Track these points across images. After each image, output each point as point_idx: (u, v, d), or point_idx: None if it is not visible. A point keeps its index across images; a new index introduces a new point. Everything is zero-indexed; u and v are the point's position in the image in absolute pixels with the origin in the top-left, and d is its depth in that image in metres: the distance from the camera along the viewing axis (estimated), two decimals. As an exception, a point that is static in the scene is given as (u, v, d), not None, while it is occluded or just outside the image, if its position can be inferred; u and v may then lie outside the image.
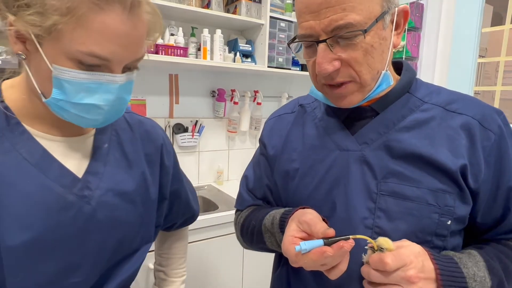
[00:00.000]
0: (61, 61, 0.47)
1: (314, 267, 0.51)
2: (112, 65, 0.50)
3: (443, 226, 0.56)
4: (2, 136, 0.51)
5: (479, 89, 2.11)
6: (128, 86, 0.55)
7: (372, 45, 0.52)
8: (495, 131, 0.56)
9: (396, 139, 0.58)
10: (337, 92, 0.56)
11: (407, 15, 0.57)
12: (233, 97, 2.11)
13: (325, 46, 0.52)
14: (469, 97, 0.61)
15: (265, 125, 0.79)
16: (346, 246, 0.48)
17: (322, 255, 0.48)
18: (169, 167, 0.75)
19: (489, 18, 2.12)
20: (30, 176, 0.51)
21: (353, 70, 0.53)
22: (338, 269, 0.51)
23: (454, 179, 0.56)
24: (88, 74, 0.48)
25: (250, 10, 1.88)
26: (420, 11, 2.17)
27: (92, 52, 0.47)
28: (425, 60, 2.19)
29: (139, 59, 0.54)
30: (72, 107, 0.50)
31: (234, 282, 1.71)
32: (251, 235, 0.71)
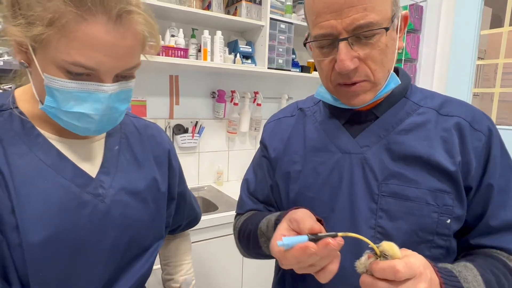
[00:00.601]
0: (51, 70, 0.49)
1: (302, 267, 0.47)
2: (101, 75, 0.50)
3: (443, 225, 0.57)
4: (19, 140, 0.53)
5: (478, 90, 2.11)
6: (121, 95, 0.55)
7: (387, 44, 0.55)
8: (485, 133, 0.59)
9: (395, 141, 0.61)
10: (351, 90, 0.57)
11: (406, 20, 0.60)
12: (233, 98, 2.11)
13: (346, 44, 0.53)
14: (460, 101, 0.64)
15: (265, 128, 0.80)
16: (332, 243, 0.44)
17: (304, 251, 0.44)
18: (176, 169, 0.78)
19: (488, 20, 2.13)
20: (48, 176, 0.54)
21: (369, 69, 0.56)
22: (327, 271, 0.47)
23: (453, 179, 0.58)
24: (75, 83, 0.49)
25: (250, 11, 1.88)
26: (420, 13, 2.18)
27: (77, 61, 0.47)
28: (425, 62, 2.20)
29: (133, 68, 0.54)
30: (63, 115, 0.51)
31: (234, 282, 1.71)
32: (247, 240, 0.71)
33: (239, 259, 1.71)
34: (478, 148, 0.58)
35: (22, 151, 0.53)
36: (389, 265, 0.42)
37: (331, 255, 0.46)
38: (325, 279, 0.47)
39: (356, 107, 0.62)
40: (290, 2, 2.05)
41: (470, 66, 2.03)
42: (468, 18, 2.03)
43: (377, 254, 0.45)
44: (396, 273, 0.41)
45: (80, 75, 0.49)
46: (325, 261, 0.46)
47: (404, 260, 0.43)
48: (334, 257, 0.47)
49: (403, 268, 0.41)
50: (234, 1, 1.90)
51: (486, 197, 0.59)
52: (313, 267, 0.47)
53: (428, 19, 2.17)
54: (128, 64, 0.52)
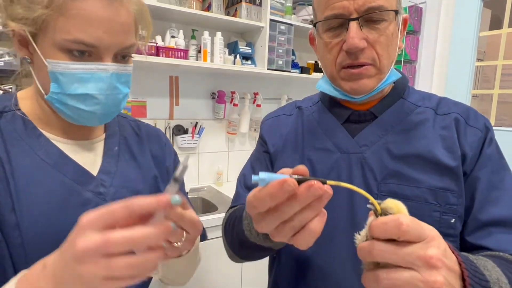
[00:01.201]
0: (53, 54, 0.51)
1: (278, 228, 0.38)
2: (101, 52, 0.52)
3: (448, 224, 0.57)
4: (21, 140, 0.55)
5: (477, 92, 2.12)
6: (122, 78, 0.57)
7: (392, 33, 0.58)
8: (481, 129, 0.60)
9: (394, 140, 0.61)
10: (356, 72, 0.58)
11: (406, 22, 0.63)
12: (233, 99, 2.12)
13: (357, 24, 0.55)
14: (455, 101, 0.66)
15: (263, 124, 0.79)
16: (317, 186, 0.34)
17: (281, 187, 0.34)
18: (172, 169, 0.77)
19: (487, 21, 2.13)
20: (50, 175, 0.54)
21: (376, 53, 0.57)
22: (307, 231, 0.37)
23: (455, 175, 0.57)
24: (78, 64, 0.51)
25: (250, 13, 1.89)
26: (419, 15, 2.19)
27: (77, 38, 0.49)
28: (424, 63, 2.21)
29: (129, 47, 0.56)
30: (69, 99, 0.53)
31: (233, 283, 1.71)
32: (232, 227, 0.65)
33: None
34: (473, 143, 0.59)
35: (25, 151, 0.54)
36: (392, 218, 0.34)
37: (314, 208, 0.36)
38: (305, 243, 0.38)
39: (357, 98, 0.62)
40: (290, 3, 2.06)
41: (469, 67, 2.03)
42: (467, 20, 2.03)
43: (378, 212, 0.36)
44: (400, 226, 0.33)
45: (81, 54, 0.51)
46: (306, 215, 0.36)
47: (411, 217, 0.34)
48: (317, 213, 0.37)
49: (409, 222, 0.33)
50: (234, 2, 1.91)
51: (472, 189, 0.58)
52: (291, 223, 0.37)
53: (428, 20, 2.18)
54: (124, 42, 0.54)
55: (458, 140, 0.59)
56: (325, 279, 0.60)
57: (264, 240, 0.52)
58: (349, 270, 0.58)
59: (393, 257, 0.34)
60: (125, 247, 0.33)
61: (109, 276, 0.33)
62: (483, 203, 0.57)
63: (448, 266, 0.35)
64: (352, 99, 0.62)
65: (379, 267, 0.36)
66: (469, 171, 0.59)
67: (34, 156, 0.54)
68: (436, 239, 0.35)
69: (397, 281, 0.34)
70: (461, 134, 0.60)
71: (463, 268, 0.37)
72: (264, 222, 0.38)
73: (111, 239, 0.32)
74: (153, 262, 0.35)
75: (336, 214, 0.61)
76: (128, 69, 0.58)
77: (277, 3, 1.99)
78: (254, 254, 0.62)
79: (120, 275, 0.33)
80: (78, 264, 0.33)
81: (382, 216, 0.36)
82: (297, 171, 0.36)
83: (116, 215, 0.34)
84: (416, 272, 0.33)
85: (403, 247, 0.34)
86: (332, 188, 0.61)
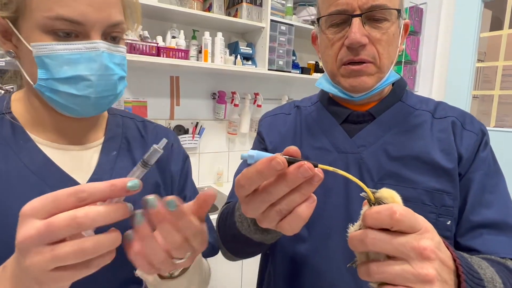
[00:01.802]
0: (36, 36, 0.47)
1: (265, 213, 0.36)
2: (88, 30, 0.48)
3: (444, 227, 0.57)
4: (6, 145, 0.52)
5: (478, 93, 2.12)
6: (115, 59, 0.53)
7: (394, 34, 0.59)
8: (477, 133, 0.61)
9: (392, 142, 0.61)
10: (357, 68, 0.59)
11: (407, 28, 0.64)
12: (233, 99, 2.12)
13: (359, 21, 0.56)
14: (452, 106, 0.67)
15: (261, 122, 0.79)
16: (307, 167, 0.32)
17: (269, 163, 0.31)
18: (175, 174, 0.69)
19: (487, 22, 2.13)
20: (30, 183, 0.51)
21: (377, 51, 0.58)
22: (295, 215, 0.35)
23: (452, 178, 0.58)
24: (64, 44, 0.48)
25: (251, 13, 1.89)
26: (420, 15, 2.19)
27: (60, 15, 0.46)
28: (424, 64, 2.21)
29: (116, 24, 0.51)
30: (59, 84, 0.49)
31: (233, 284, 1.72)
32: (225, 220, 0.63)
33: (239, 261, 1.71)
34: (469, 146, 0.60)
35: (7, 156, 0.51)
36: (385, 207, 0.33)
37: (303, 191, 0.34)
38: (291, 228, 0.36)
39: (356, 97, 0.62)
40: (291, 3, 2.06)
41: (470, 68, 2.03)
42: (468, 21, 2.04)
43: (372, 201, 0.35)
44: (393, 215, 0.32)
45: (67, 35, 0.48)
46: (294, 198, 0.34)
47: (405, 207, 0.33)
48: (306, 198, 0.35)
49: (403, 211, 0.32)
50: (235, 3, 1.91)
51: (465, 191, 0.59)
52: (278, 207, 0.35)
53: (428, 21, 2.18)
54: (111, 18, 0.50)
55: (454, 142, 0.60)
56: (320, 278, 0.60)
57: (255, 232, 0.52)
58: (345, 270, 0.58)
59: (386, 246, 0.33)
60: (69, 230, 0.29)
61: (57, 265, 0.29)
62: (475, 205, 0.58)
63: (441, 259, 0.34)
64: (351, 98, 0.63)
65: (369, 261, 0.35)
66: (463, 173, 0.59)
67: (18, 162, 0.51)
68: (430, 231, 0.34)
69: (388, 274, 0.33)
70: (458, 137, 0.61)
71: (458, 264, 0.36)
72: (252, 205, 0.36)
73: (52, 222, 0.29)
74: (106, 245, 0.31)
75: (332, 213, 0.61)
76: (121, 50, 0.54)
77: (278, 4, 2.00)
78: (246, 249, 0.61)
79: (70, 262, 0.30)
80: (23, 256, 0.30)
81: (376, 205, 0.34)
82: (288, 152, 0.34)
83: (63, 202, 0.30)
84: (407, 265, 0.32)
85: (396, 237, 0.33)
86: (329, 188, 0.61)
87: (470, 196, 0.58)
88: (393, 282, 0.33)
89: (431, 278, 0.32)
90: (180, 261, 0.35)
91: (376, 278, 0.34)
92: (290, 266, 0.64)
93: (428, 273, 0.32)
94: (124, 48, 0.55)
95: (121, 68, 0.54)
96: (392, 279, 0.33)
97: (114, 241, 0.32)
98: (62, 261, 0.29)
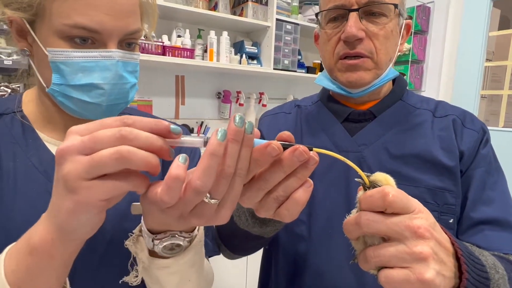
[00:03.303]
0: (53, 42, 0.47)
1: (256, 191, 0.34)
2: (104, 39, 0.48)
3: (446, 225, 0.56)
4: (15, 144, 0.52)
5: (486, 92, 2.09)
6: (129, 67, 0.53)
7: (392, 31, 0.59)
8: (478, 131, 0.61)
9: (393, 140, 0.61)
10: (354, 63, 0.59)
11: (409, 28, 0.64)
12: (238, 98, 2.12)
13: (356, 15, 0.57)
14: (453, 105, 0.67)
15: (260, 121, 0.78)
16: (302, 150, 0.31)
17: (264, 150, 0.30)
18: None
19: (496, 21, 2.11)
20: (37, 183, 0.51)
21: (374, 46, 0.58)
22: (292, 201, 0.34)
23: (454, 175, 0.58)
24: (80, 52, 0.48)
25: (256, 12, 1.89)
26: (427, 14, 2.17)
27: (78, 23, 0.46)
28: (431, 63, 2.19)
29: (134, 33, 0.52)
30: (72, 91, 0.49)
31: (238, 284, 1.71)
32: None
33: (243, 259, 1.71)
34: (470, 143, 0.60)
35: (16, 155, 0.51)
36: (377, 190, 0.34)
37: (299, 175, 0.33)
38: (289, 214, 0.35)
39: (353, 93, 0.62)
40: (296, 2, 2.05)
41: (478, 67, 2.01)
42: (476, 19, 2.01)
43: (367, 186, 0.35)
44: (385, 197, 0.32)
45: (83, 42, 0.47)
46: (291, 183, 0.33)
47: (398, 189, 0.34)
48: (303, 182, 0.34)
49: (395, 192, 0.32)
50: (241, 2, 1.91)
51: (466, 187, 0.59)
52: (275, 194, 0.34)
53: (436, 20, 2.16)
54: (128, 26, 0.50)
55: (455, 140, 0.60)
56: (322, 278, 0.60)
57: (253, 225, 0.51)
58: (346, 269, 0.58)
59: (379, 226, 0.33)
60: (113, 141, 0.28)
61: (94, 172, 0.28)
62: (476, 202, 0.58)
63: (437, 239, 0.33)
64: (349, 94, 0.62)
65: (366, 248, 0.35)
66: (464, 170, 0.59)
67: (26, 161, 0.51)
68: (424, 212, 0.34)
69: (383, 257, 0.33)
70: (458, 134, 0.61)
71: (457, 247, 0.36)
72: (248, 194, 0.34)
73: (97, 134, 0.29)
74: (142, 156, 0.29)
75: (333, 214, 0.61)
76: (135, 57, 0.54)
77: (284, 3, 1.99)
78: (245, 244, 0.60)
79: (107, 169, 0.29)
80: (61, 166, 0.29)
81: (371, 189, 0.34)
82: (281, 138, 0.33)
83: (108, 125, 0.29)
84: (402, 245, 0.32)
85: (390, 217, 0.33)
86: (331, 189, 0.61)
87: (471, 193, 0.58)
88: (389, 264, 0.33)
89: (426, 255, 0.31)
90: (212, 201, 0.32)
91: (373, 262, 0.34)
92: (291, 266, 0.64)
93: (423, 251, 0.31)
94: (138, 55, 0.55)
95: (134, 75, 0.55)
96: (388, 261, 0.33)
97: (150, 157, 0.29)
98: (98, 166, 0.28)
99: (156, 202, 0.31)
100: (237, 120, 0.30)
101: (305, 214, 0.62)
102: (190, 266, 0.44)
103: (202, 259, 0.48)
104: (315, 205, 0.62)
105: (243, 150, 0.31)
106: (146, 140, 0.29)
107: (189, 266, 0.44)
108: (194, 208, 0.32)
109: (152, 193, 0.31)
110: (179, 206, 0.32)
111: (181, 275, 0.44)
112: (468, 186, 0.59)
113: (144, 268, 0.43)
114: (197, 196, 0.30)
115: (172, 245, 0.41)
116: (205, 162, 0.29)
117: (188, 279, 0.46)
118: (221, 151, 0.29)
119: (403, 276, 0.32)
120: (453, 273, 0.35)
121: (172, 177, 0.29)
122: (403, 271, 0.32)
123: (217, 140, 0.29)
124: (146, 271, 0.43)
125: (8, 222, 0.49)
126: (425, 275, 0.31)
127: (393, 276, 0.32)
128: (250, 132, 0.30)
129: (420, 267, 0.31)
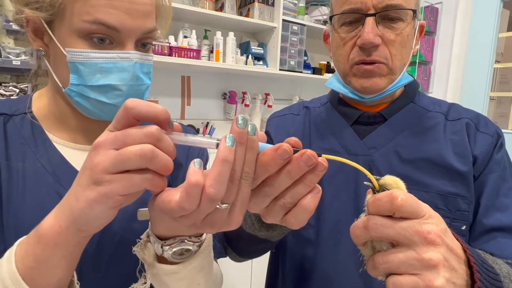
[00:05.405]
0: (72, 42, 0.48)
1: (269, 208, 0.34)
2: (122, 38, 0.49)
3: (458, 231, 0.55)
4: (24, 144, 0.52)
5: (495, 94, 2.06)
6: (144, 68, 0.54)
7: (408, 36, 0.57)
8: (492, 135, 0.59)
9: (404, 144, 0.60)
10: (368, 69, 0.58)
11: (422, 29, 0.63)
12: (244, 99, 2.12)
13: (373, 20, 0.55)
14: (466, 108, 0.65)
15: (269, 122, 0.78)
16: (310, 154, 0.30)
17: (275, 152, 0.30)
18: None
19: (505, 22, 2.08)
20: (46, 184, 0.51)
21: (389, 52, 0.57)
22: (300, 208, 0.32)
23: (467, 181, 0.56)
24: (99, 53, 0.48)
25: (262, 13, 1.88)
26: (435, 15, 2.15)
27: (98, 19, 0.46)
28: (439, 65, 2.17)
29: (150, 32, 0.52)
30: (90, 91, 0.50)
31: (243, 284, 1.71)
32: None
33: (248, 264, 1.70)
34: (484, 148, 0.58)
35: (26, 156, 0.52)
36: (386, 193, 0.32)
37: (307, 182, 0.32)
38: (297, 221, 0.34)
39: (366, 98, 0.61)
40: (303, 3, 2.04)
41: (488, 69, 1.98)
42: (485, 20, 1.98)
43: (376, 189, 0.34)
44: (394, 201, 0.31)
45: (102, 41, 0.48)
46: (298, 190, 0.32)
47: (409, 193, 0.33)
48: (311, 188, 0.33)
49: (404, 196, 0.31)
50: (247, 3, 1.90)
51: (478, 193, 0.57)
52: (282, 200, 0.33)
53: (444, 21, 2.13)
54: (145, 26, 0.51)
55: (469, 144, 0.58)
56: (329, 283, 0.59)
57: (260, 229, 0.51)
58: (354, 275, 0.57)
59: (388, 231, 0.31)
60: (142, 139, 0.30)
61: (119, 166, 0.30)
62: (489, 208, 0.56)
63: (448, 245, 0.32)
64: (361, 99, 0.61)
65: (375, 254, 0.34)
66: (477, 175, 0.58)
67: (35, 162, 0.51)
68: (434, 217, 0.32)
69: (392, 263, 0.31)
70: (472, 139, 0.59)
71: (469, 254, 0.34)
72: (254, 199, 0.33)
73: (130, 130, 0.30)
74: (166, 161, 0.31)
75: (341, 217, 0.60)
76: (150, 59, 0.55)
77: (290, 4, 1.98)
78: (250, 247, 0.60)
79: (131, 164, 0.30)
80: (90, 157, 0.30)
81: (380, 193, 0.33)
82: (288, 143, 0.32)
83: None
84: (411, 251, 0.31)
85: (399, 221, 0.31)
86: (339, 192, 0.60)
87: (484, 198, 0.57)
88: (397, 271, 0.31)
89: (436, 262, 0.30)
90: (223, 206, 0.31)
91: (382, 269, 0.32)
92: (299, 270, 0.64)
93: (432, 257, 0.30)
94: (152, 56, 0.56)
95: (148, 76, 0.56)
96: (397, 267, 0.31)
97: (169, 161, 0.31)
98: (123, 161, 0.30)
99: (172, 210, 0.30)
100: (239, 122, 0.30)
101: (313, 217, 0.61)
102: (198, 271, 0.44)
103: (210, 263, 0.48)
104: (323, 209, 0.61)
105: (247, 152, 0.31)
106: (169, 144, 0.31)
107: (198, 271, 0.44)
108: (206, 216, 0.32)
109: (165, 202, 0.31)
110: (192, 215, 0.31)
111: (190, 280, 0.44)
112: (481, 192, 0.57)
113: (152, 275, 0.43)
114: (211, 204, 0.30)
115: (181, 250, 0.40)
116: (217, 169, 0.29)
117: (197, 283, 0.46)
118: (232, 157, 0.29)
119: (412, 283, 0.31)
120: (465, 281, 0.33)
121: (192, 184, 0.29)
122: (411, 278, 0.31)
123: (227, 146, 0.30)
124: (155, 277, 0.43)
125: (17, 222, 0.49)
126: (434, 283, 0.30)
127: (401, 283, 0.31)
128: (253, 134, 0.30)
129: (430, 274, 0.30)
